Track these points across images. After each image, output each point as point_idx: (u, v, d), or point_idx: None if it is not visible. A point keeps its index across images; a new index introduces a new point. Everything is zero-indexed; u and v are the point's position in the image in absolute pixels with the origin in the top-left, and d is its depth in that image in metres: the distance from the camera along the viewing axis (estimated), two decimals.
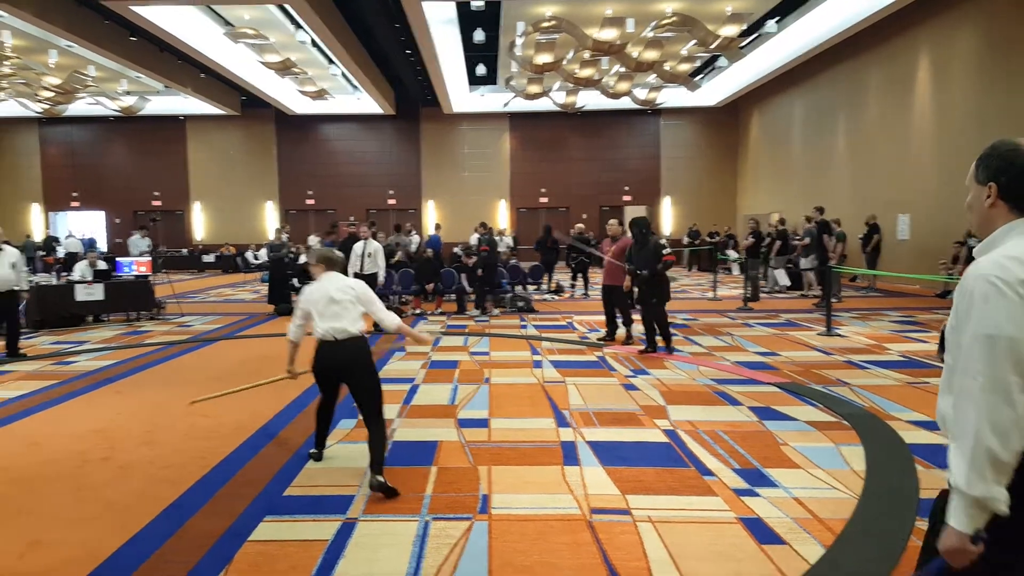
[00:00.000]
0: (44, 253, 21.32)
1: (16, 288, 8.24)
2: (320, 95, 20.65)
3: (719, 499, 3.83)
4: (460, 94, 23.24)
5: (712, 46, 15.11)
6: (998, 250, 1.56)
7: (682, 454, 4.58)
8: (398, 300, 13.10)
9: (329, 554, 3.23)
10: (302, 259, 13.22)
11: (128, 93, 21.30)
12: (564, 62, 16.22)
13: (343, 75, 20.65)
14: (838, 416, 5.41)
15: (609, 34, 15.00)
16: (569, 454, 4.59)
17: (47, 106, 20.37)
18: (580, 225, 15.49)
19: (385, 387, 6.45)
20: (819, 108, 19.92)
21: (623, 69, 17.45)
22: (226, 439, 4.96)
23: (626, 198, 27.00)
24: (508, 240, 20.54)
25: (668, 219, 26.89)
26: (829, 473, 4.20)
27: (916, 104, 15.37)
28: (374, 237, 11.05)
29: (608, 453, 4.60)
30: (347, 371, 4.14)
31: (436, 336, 9.58)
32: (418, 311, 12.40)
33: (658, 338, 8.08)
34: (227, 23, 16.02)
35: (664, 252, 7.77)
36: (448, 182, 26.80)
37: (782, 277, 14.98)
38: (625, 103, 22.08)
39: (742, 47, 17.10)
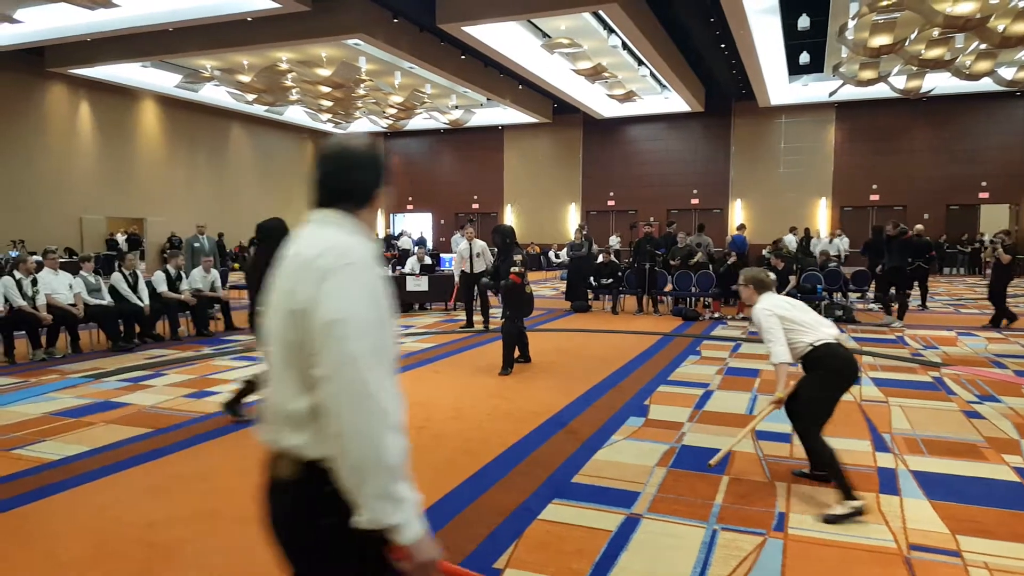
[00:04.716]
0: (385, 249, 24.89)
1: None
2: (628, 97, 20.93)
3: None
4: (779, 85, 21.81)
5: None
6: None
7: None
8: (693, 303, 12.73)
9: (612, 545, 3.23)
10: (599, 259, 13.51)
11: (456, 107, 23.84)
12: (906, 43, 14.29)
13: (652, 75, 20.69)
14: None
15: (966, 7, 12.81)
16: (887, 482, 4.02)
17: (391, 122, 23.60)
18: (919, 226, 13.48)
19: (676, 390, 6.40)
20: None
21: (983, 46, 14.81)
22: (521, 422, 5.25)
23: (983, 195, 22.92)
24: (840, 243, 18.77)
25: None
26: None
27: None
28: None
29: (937, 486, 3.94)
30: (856, 374, 3.83)
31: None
32: (716, 315, 11.92)
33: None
34: (544, 35, 17.02)
35: (512, 270, 7.06)
36: (760, 180, 25.32)
37: None
38: (985, 85, 18.71)
39: None
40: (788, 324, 3.80)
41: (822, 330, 3.80)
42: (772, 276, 4.12)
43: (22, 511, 3.71)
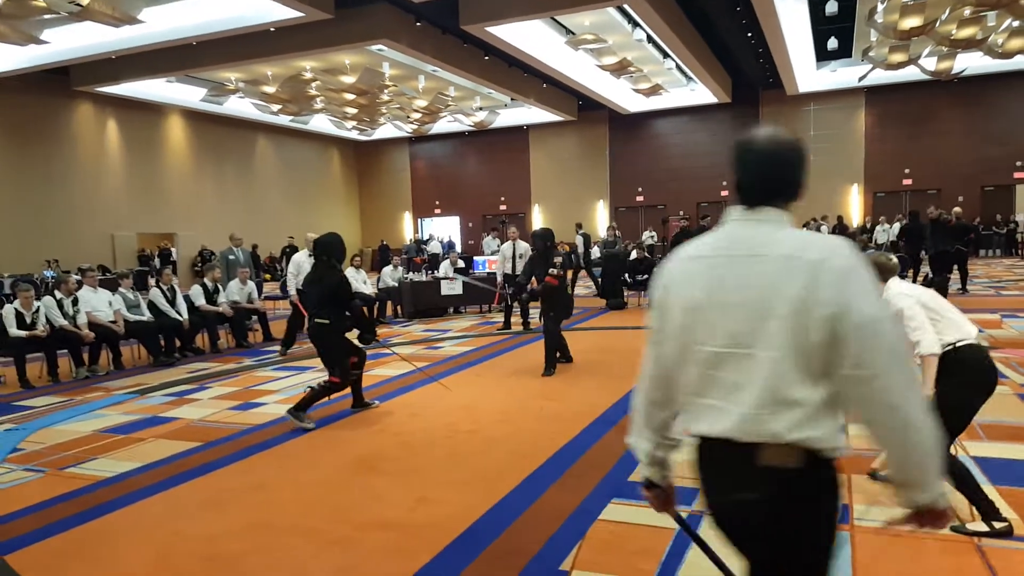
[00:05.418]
0: (415, 254, 25.02)
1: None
2: (654, 91, 20.76)
3: None
4: (806, 73, 21.51)
5: None
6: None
7: None
8: None
9: (678, 543, 3.19)
10: (633, 255, 13.41)
11: (481, 109, 23.82)
12: (937, 24, 13.99)
13: (678, 68, 20.52)
14: None
15: None
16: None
17: (416, 126, 23.60)
18: (957, 209, 13.21)
19: None
20: None
21: (1016, 23, 14.46)
22: (570, 423, 5.22)
23: (1018, 175, 22.40)
24: (894, 229, 18.38)
25: None
26: None
27: None
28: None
29: (1001, 471, 3.86)
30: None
31: None
32: None
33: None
34: (568, 31, 16.96)
35: (550, 272, 7.12)
36: None
37: None
38: (1018, 63, 18.32)
39: None
40: (931, 314, 3.28)
41: (965, 327, 3.29)
42: (895, 259, 3.61)
43: (83, 529, 3.74)
